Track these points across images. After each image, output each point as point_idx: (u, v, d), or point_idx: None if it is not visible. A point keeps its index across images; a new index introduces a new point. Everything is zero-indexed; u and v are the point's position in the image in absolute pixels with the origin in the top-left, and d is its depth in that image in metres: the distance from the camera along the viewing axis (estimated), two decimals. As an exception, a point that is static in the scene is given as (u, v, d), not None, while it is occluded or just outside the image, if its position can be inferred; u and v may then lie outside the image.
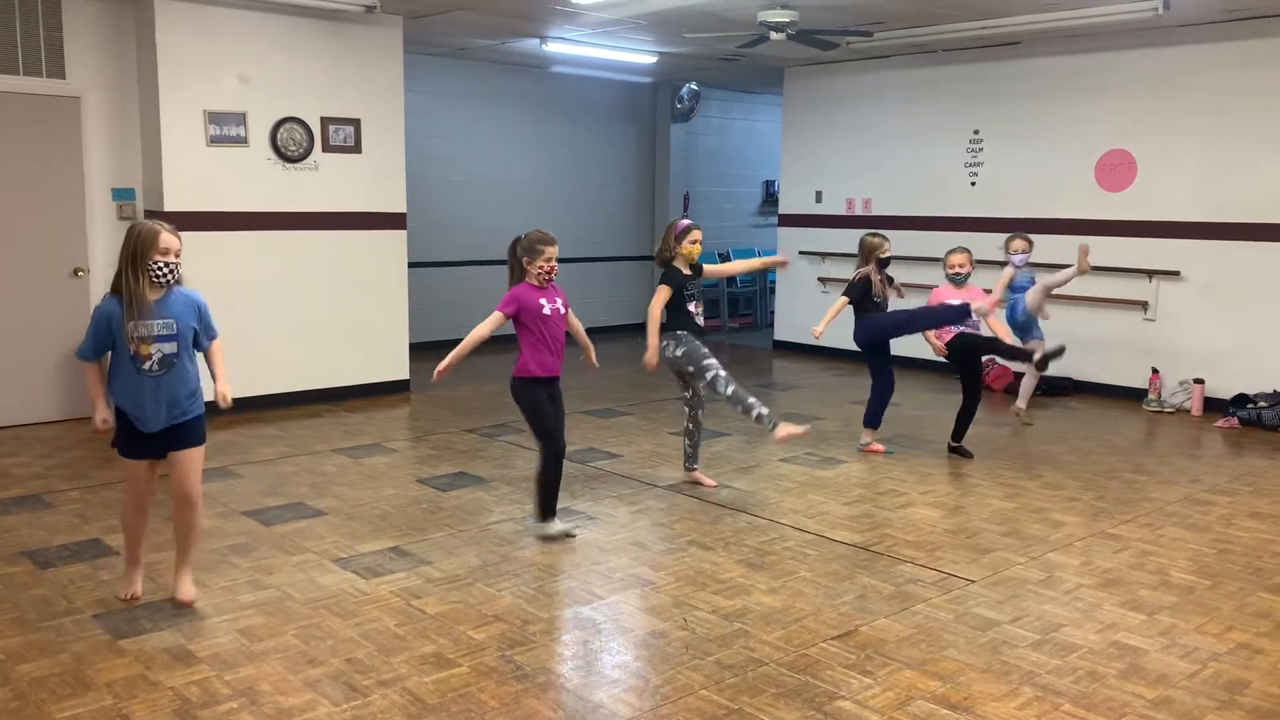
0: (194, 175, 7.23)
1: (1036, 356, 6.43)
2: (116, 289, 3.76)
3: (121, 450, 3.92)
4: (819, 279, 10.66)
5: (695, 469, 5.85)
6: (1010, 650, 3.72)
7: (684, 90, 12.35)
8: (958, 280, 6.42)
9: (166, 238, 3.72)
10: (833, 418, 7.61)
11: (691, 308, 5.59)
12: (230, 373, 4.05)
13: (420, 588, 4.24)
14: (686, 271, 5.58)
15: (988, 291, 6.47)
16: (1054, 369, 8.70)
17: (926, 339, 6.55)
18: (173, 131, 7.12)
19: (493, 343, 4.74)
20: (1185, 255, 8.11)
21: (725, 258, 13.27)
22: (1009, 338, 6.54)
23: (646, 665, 3.57)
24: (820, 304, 10.41)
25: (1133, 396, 8.38)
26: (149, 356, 3.74)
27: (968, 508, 5.47)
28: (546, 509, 4.90)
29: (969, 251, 6.51)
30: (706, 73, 11.51)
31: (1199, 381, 7.98)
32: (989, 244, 8.25)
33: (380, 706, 3.25)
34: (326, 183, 7.85)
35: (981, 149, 9.33)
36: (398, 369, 8.46)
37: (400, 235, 8.35)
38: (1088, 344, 8.66)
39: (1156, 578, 4.48)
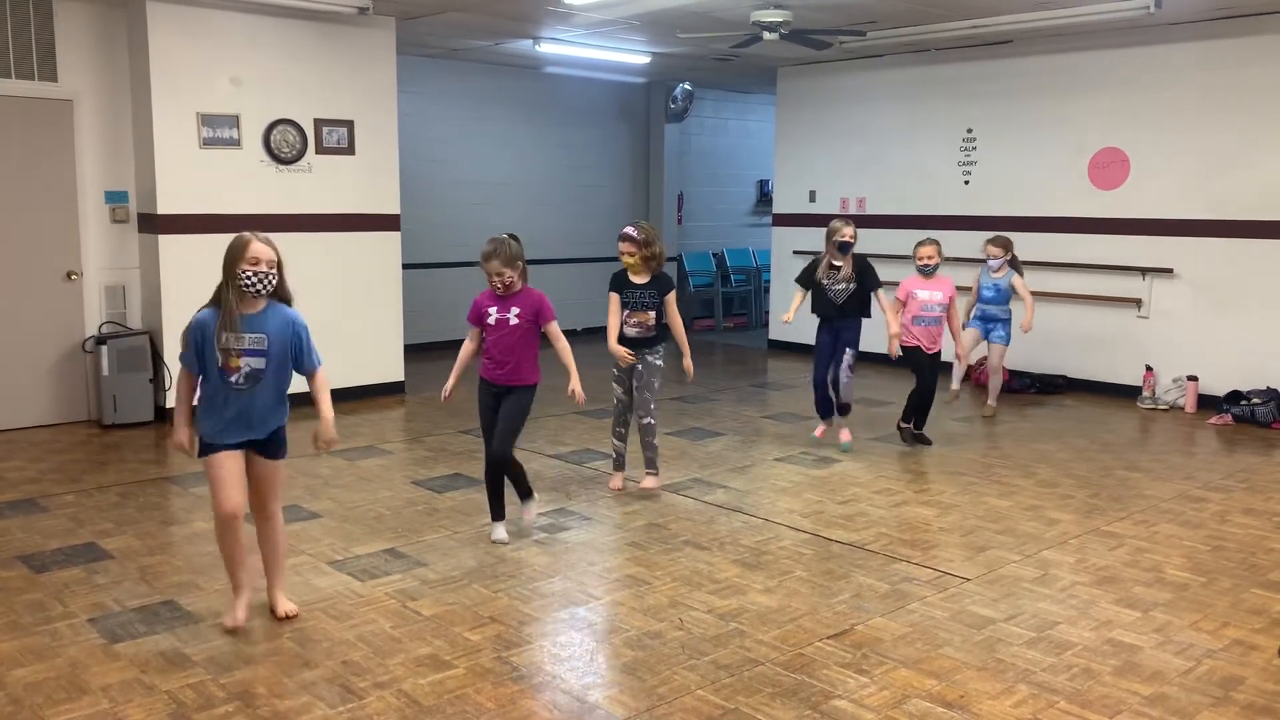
0: (187, 178, 7.22)
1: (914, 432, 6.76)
2: (214, 301, 3.62)
3: (203, 449, 3.69)
4: (813, 278, 10.65)
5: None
6: (1005, 648, 3.73)
7: (677, 90, 12.35)
8: (926, 271, 6.64)
9: (256, 247, 3.55)
10: (828, 417, 7.61)
11: (622, 316, 5.57)
12: None
13: (416, 589, 4.24)
14: (639, 280, 5.54)
15: (966, 289, 6.54)
16: (1048, 367, 8.79)
17: (896, 332, 6.65)
18: (165, 134, 7.11)
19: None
20: (1178, 253, 8.13)
21: (719, 258, 13.32)
22: (961, 348, 6.88)
23: (642, 666, 3.57)
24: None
25: (1127, 394, 8.40)
26: (236, 370, 3.58)
27: (962, 506, 5.47)
28: (492, 510, 4.91)
29: (938, 243, 6.72)
30: (700, 73, 11.51)
31: (1192, 379, 8.00)
32: (983, 243, 8.27)
33: (376, 709, 3.25)
34: (320, 185, 7.85)
35: (975, 148, 9.34)
36: (393, 371, 8.45)
37: (394, 237, 8.34)
38: (1082, 341, 8.69)
39: (1151, 575, 4.49)
